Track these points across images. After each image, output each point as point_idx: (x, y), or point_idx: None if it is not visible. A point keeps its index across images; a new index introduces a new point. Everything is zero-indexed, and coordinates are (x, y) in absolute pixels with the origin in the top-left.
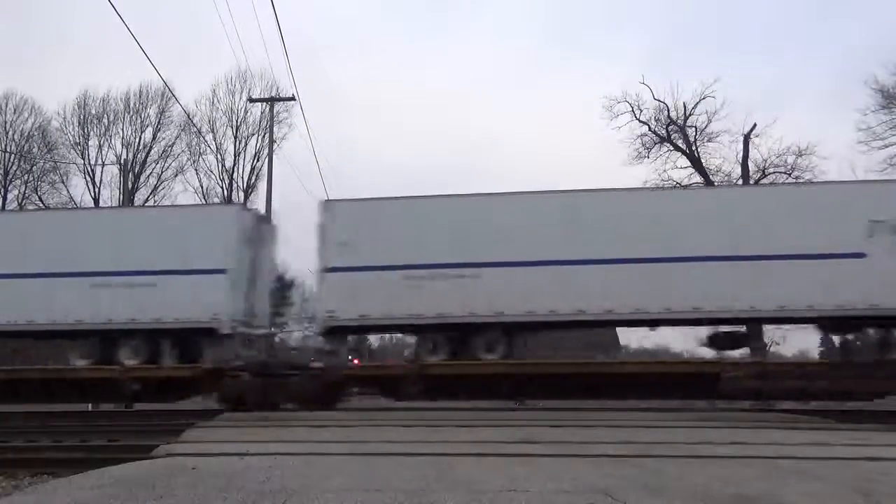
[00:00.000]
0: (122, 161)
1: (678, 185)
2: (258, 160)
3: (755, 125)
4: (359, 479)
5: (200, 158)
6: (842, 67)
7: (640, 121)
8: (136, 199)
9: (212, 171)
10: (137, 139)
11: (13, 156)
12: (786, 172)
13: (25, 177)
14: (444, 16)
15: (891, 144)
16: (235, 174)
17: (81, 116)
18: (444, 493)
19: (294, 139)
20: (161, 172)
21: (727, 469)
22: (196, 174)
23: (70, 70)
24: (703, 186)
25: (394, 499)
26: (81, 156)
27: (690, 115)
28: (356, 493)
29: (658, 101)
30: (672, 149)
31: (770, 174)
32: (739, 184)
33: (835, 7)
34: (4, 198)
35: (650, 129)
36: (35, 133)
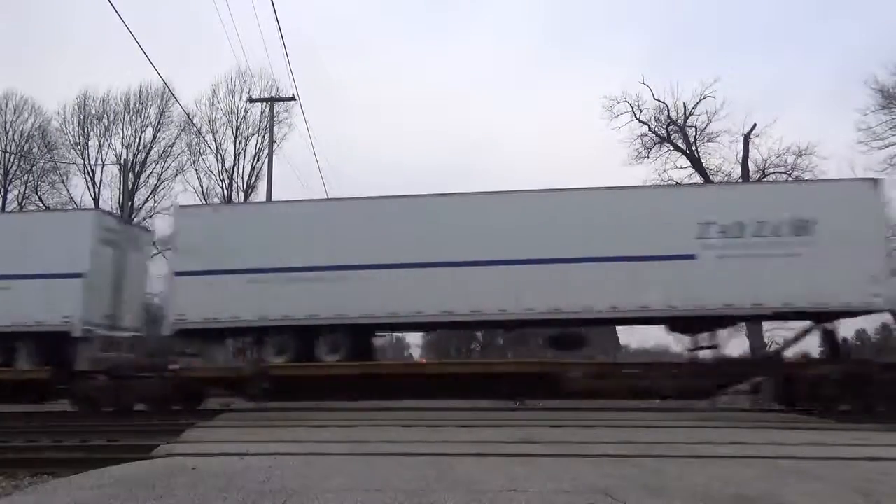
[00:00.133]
0: (122, 161)
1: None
2: (258, 160)
3: (755, 125)
4: (359, 479)
5: (200, 158)
6: (842, 67)
7: (640, 121)
8: (136, 199)
9: (212, 171)
10: (137, 139)
11: (13, 156)
12: (786, 172)
13: (25, 177)
14: (444, 16)
15: (891, 144)
16: (235, 174)
17: (81, 116)
18: (444, 493)
19: (294, 139)
20: (161, 172)
21: (727, 469)
22: (196, 174)
23: (70, 70)
24: (534, 190)
25: (394, 499)
26: (81, 156)
27: (690, 115)
28: (356, 493)
29: (658, 101)
30: (672, 149)
31: (770, 174)
32: (566, 188)
33: (835, 7)
34: (4, 198)
35: (650, 129)
36: (35, 133)
